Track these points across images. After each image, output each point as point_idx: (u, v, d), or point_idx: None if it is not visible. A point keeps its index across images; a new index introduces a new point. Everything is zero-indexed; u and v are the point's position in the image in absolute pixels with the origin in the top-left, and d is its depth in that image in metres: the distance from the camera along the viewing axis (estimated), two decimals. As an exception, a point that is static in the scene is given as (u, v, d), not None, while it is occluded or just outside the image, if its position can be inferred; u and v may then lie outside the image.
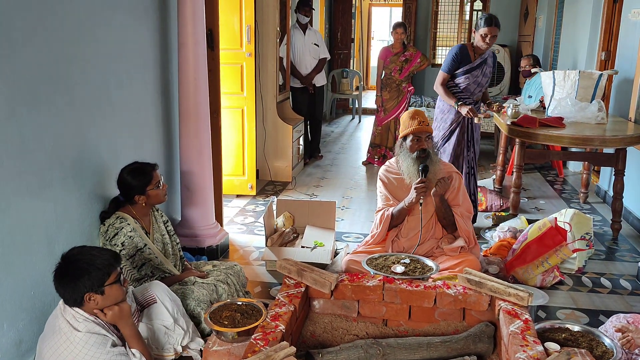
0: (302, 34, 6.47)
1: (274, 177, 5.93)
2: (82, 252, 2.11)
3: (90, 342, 2.06)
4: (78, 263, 2.06)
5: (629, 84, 4.98)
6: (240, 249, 4.14)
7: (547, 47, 8.20)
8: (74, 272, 2.04)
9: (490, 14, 4.08)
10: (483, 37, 4.04)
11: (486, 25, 4.00)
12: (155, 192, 2.70)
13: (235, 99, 5.20)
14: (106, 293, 2.08)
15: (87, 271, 2.04)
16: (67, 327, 2.08)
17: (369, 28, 13.49)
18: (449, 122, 4.31)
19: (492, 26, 3.99)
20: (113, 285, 2.10)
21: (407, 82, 6.55)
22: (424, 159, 3.16)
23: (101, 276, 2.06)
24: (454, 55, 4.21)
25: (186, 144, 3.65)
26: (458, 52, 4.20)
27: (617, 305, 3.37)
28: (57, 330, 2.10)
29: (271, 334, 2.02)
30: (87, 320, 2.09)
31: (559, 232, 3.56)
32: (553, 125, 4.54)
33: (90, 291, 2.05)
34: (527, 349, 1.95)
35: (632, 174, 4.73)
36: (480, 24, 4.04)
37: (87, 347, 2.07)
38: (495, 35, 4.06)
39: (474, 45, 4.16)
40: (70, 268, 2.06)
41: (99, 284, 2.06)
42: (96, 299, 2.07)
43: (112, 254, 2.16)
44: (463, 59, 4.19)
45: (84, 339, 2.06)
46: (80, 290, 2.04)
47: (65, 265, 2.07)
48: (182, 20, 3.48)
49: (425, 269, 2.73)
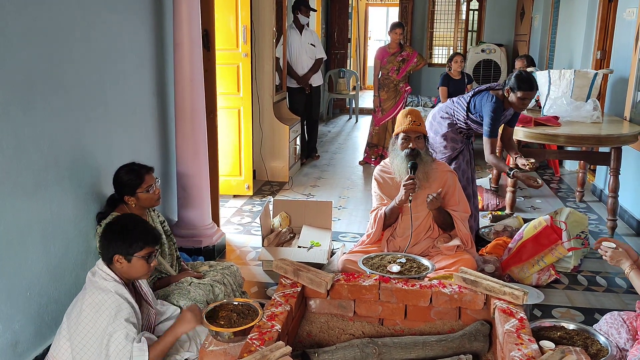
0: (298, 34, 6.48)
1: (270, 177, 5.94)
2: (132, 220, 2.30)
3: (115, 304, 2.15)
4: (123, 226, 2.23)
5: (624, 83, 4.99)
6: (237, 249, 4.15)
7: (543, 47, 8.22)
8: (116, 231, 2.21)
9: (529, 74, 3.62)
10: (521, 100, 3.58)
11: (527, 90, 3.55)
12: (145, 195, 2.69)
13: (232, 100, 5.20)
14: (132, 262, 2.21)
15: (126, 235, 2.19)
16: (95, 289, 2.19)
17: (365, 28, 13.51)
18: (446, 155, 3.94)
19: (533, 90, 3.59)
20: (141, 260, 2.22)
21: (405, 82, 6.56)
22: (413, 157, 3.16)
23: (135, 246, 2.20)
24: (494, 117, 3.65)
25: (182, 145, 3.65)
26: (497, 110, 3.66)
27: (613, 304, 3.38)
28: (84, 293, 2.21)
29: (267, 334, 2.03)
30: (116, 281, 2.21)
31: (554, 231, 3.58)
32: (549, 124, 4.55)
33: (120, 254, 2.19)
34: (522, 348, 1.95)
35: (628, 173, 4.75)
36: (519, 86, 3.55)
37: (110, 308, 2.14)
38: (532, 98, 3.66)
39: (507, 100, 3.67)
40: (116, 227, 2.24)
41: (130, 252, 2.19)
42: (122, 263, 2.20)
43: (155, 233, 2.30)
44: (500, 116, 3.73)
45: (111, 299, 2.16)
46: (113, 249, 2.19)
47: (114, 223, 2.27)
48: (178, 21, 3.49)
49: (421, 268, 2.74)
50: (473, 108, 3.79)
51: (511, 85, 3.60)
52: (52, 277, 2.55)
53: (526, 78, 3.58)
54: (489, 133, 3.69)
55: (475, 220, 4.09)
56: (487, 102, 3.68)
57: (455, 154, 3.94)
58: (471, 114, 3.81)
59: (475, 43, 10.61)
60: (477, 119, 3.81)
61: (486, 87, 3.82)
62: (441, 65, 11.31)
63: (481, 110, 3.74)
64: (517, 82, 3.57)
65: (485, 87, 3.82)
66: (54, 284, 2.57)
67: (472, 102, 3.80)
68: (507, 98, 3.66)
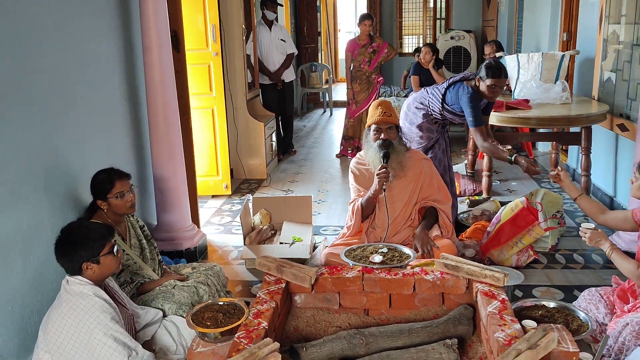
0: (268, 30, 6.46)
1: (248, 175, 5.93)
2: (80, 226, 2.31)
3: (97, 306, 2.17)
4: (76, 235, 2.23)
5: (590, 63, 5.09)
6: (218, 250, 4.14)
7: (511, 31, 8.32)
8: (72, 244, 2.22)
9: (497, 62, 3.71)
10: (491, 88, 3.65)
11: (495, 77, 3.60)
12: (117, 202, 2.67)
13: (205, 99, 5.17)
14: (102, 262, 2.23)
15: (83, 243, 2.21)
16: (72, 296, 2.19)
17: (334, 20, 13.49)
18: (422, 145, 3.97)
19: (502, 77, 3.63)
20: (108, 256, 2.25)
21: (377, 73, 6.59)
22: (385, 148, 3.18)
23: (97, 247, 2.22)
24: (473, 106, 3.68)
25: (157, 148, 3.63)
26: (475, 99, 3.69)
27: (590, 280, 3.46)
28: (61, 303, 2.21)
29: (254, 332, 2.04)
30: (92, 284, 2.22)
31: (531, 212, 3.64)
32: (520, 108, 4.63)
33: (87, 260, 2.20)
34: (505, 328, 1.99)
35: (598, 151, 4.85)
36: (487, 73, 3.62)
37: (92, 311, 2.15)
38: (503, 85, 3.71)
39: (479, 90, 3.72)
40: (69, 240, 2.23)
41: (95, 254, 2.21)
42: (93, 268, 2.22)
43: (106, 227, 2.32)
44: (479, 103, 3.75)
45: (90, 303, 2.17)
46: (78, 260, 2.20)
47: (65, 238, 2.25)
48: (145, 23, 3.45)
49: (403, 256, 2.76)
50: (450, 100, 3.83)
51: (481, 74, 3.67)
52: (33, 289, 2.52)
53: (494, 66, 3.63)
54: (474, 123, 3.71)
55: (454, 207, 4.14)
56: (464, 94, 3.72)
57: (431, 143, 3.98)
58: (447, 106, 3.85)
59: (444, 30, 10.69)
60: (453, 110, 3.85)
61: (460, 77, 3.86)
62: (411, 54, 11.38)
63: (458, 102, 3.78)
64: (485, 70, 3.64)
65: (459, 77, 3.87)
66: (36, 296, 2.54)
67: (448, 94, 3.83)
68: (479, 87, 3.71)
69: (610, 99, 4.63)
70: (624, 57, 4.38)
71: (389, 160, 3.15)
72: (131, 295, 2.68)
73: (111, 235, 2.30)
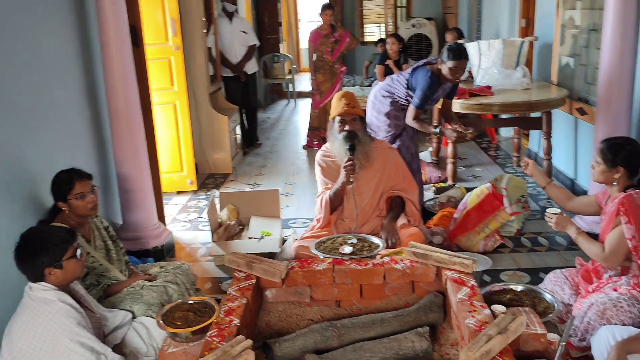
0: (228, 22, 6.38)
1: (213, 169, 5.87)
2: (40, 230, 2.25)
3: (62, 312, 2.12)
4: (36, 241, 2.17)
5: (549, 48, 5.18)
6: (186, 247, 4.09)
7: (471, 18, 8.41)
8: (32, 249, 2.15)
9: (458, 44, 3.74)
10: (452, 70, 3.66)
11: (456, 59, 3.62)
12: (77, 203, 2.59)
13: (167, 95, 5.08)
14: (65, 267, 2.17)
15: (44, 248, 2.14)
16: (36, 303, 2.13)
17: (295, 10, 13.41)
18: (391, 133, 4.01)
19: (462, 59, 3.65)
20: (71, 260, 2.19)
21: (339, 62, 6.58)
22: (351, 139, 3.18)
23: (58, 252, 2.16)
24: (427, 91, 3.74)
25: (120, 145, 3.55)
26: (431, 86, 3.74)
27: (555, 262, 3.55)
28: (24, 310, 2.15)
29: (226, 329, 2.02)
30: (56, 290, 2.16)
31: (496, 198, 3.70)
32: (483, 95, 4.68)
33: (50, 266, 2.14)
34: (475, 314, 2.02)
35: (559, 135, 4.96)
36: (448, 56, 3.64)
37: (57, 317, 2.09)
38: (464, 67, 3.74)
39: (442, 73, 3.75)
40: (29, 246, 2.17)
41: (57, 258, 2.15)
42: (56, 273, 2.16)
43: (67, 230, 2.26)
44: (433, 91, 3.81)
45: (55, 309, 2.11)
46: (40, 266, 2.14)
47: (24, 244, 2.18)
48: (102, 18, 3.36)
49: (372, 246, 2.78)
50: (413, 84, 3.86)
51: (442, 57, 3.71)
52: (-5, 296, 2.45)
53: (454, 48, 3.67)
54: (418, 104, 3.79)
55: (421, 194, 4.18)
56: (423, 76, 3.76)
57: (398, 131, 4.00)
58: (410, 91, 3.87)
59: (405, 18, 10.74)
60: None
61: (424, 62, 3.89)
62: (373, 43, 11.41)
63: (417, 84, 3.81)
64: (446, 52, 3.68)
65: (422, 62, 3.90)
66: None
67: (411, 78, 3.86)
68: (441, 70, 3.74)
69: (569, 83, 4.73)
70: (581, 42, 4.47)
71: (355, 152, 3.15)
72: (98, 298, 2.62)
73: (73, 239, 2.23)
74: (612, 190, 2.58)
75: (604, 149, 2.54)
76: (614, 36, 3.40)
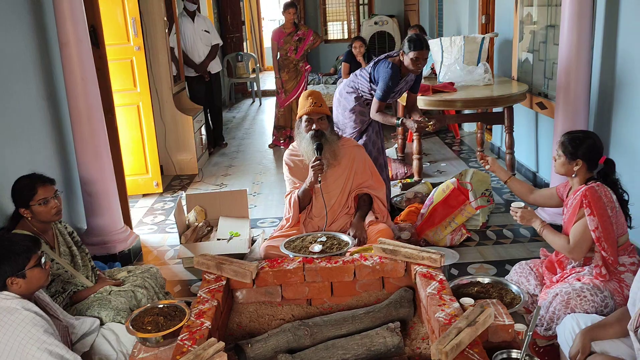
0: (191, 21, 6.31)
1: (179, 171, 5.80)
2: (1, 239, 2.16)
3: (27, 320, 2.05)
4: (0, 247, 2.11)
5: (508, 44, 5.28)
6: (154, 250, 4.03)
7: (432, 15, 8.51)
8: None
9: (418, 35, 3.78)
10: (414, 61, 3.70)
11: (417, 49, 3.67)
12: (40, 209, 2.53)
13: (129, 96, 5.00)
14: (28, 276, 2.11)
15: (6, 257, 2.08)
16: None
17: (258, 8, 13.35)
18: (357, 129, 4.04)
19: (423, 49, 3.69)
20: (34, 269, 2.13)
21: (304, 61, 6.58)
22: (318, 139, 3.19)
23: (21, 261, 2.10)
24: (389, 83, 3.77)
25: (82, 149, 3.48)
26: (392, 77, 3.77)
27: (520, 253, 3.62)
28: None
29: (197, 332, 2.00)
30: (20, 298, 2.10)
31: (461, 192, 3.76)
32: (446, 91, 4.75)
33: (12, 275, 2.08)
34: (445, 308, 2.05)
35: (521, 129, 5.06)
36: (409, 46, 3.68)
37: (22, 326, 2.02)
38: (426, 57, 3.77)
39: (403, 65, 3.80)
40: None
41: (20, 268, 2.09)
42: (19, 283, 2.10)
43: (30, 239, 2.19)
44: (395, 82, 3.84)
45: (20, 317, 2.04)
46: (2, 276, 2.08)
47: None
48: (61, 18, 3.29)
49: (342, 244, 2.79)
50: (374, 78, 3.89)
51: (404, 48, 3.75)
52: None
53: (415, 39, 3.72)
54: (380, 97, 3.82)
55: (388, 190, 4.21)
56: (384, 68, 3.80)
57: (365, 126, 4.02)
58: (373, 84, 3.90)
59: (368, 16, 10.80)
60: None
61: (385, 55, 3.94)
62: (337, 40, 11.45)
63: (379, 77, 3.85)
64: (407, 43, 3.73)
65: (384, 55, 3.94)
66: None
67: (373, 72, 3.89)
68: (403, 62, 3.78)
69: (528, 78, 4.83)
70: (540, 38, 4.57)
71: (322, 151, 3.16)
72: (64, 305, 2.57)
73: (37, 247, 2.17)
74: (572, 182, 2.65)
75: (565, 142, 2.61)
76: (571, 32, 3.49)
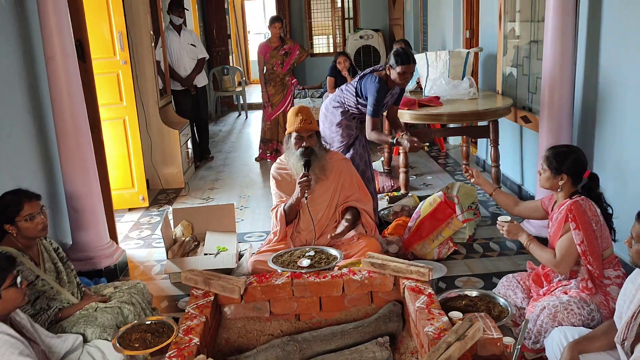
0: (177, 35, 6.31)
1: (165, 185, 5.77)
2: None
3: (1, 342, 1.98)
4: None
5: (493, 59, 5.35)
6: (140, 265, 4.00)
7: (417, 30, 8.59)
8: None
9: (405, 49, 3.82)
10: (401, 75, 3.73)
11: (405, 63, 3.70)
12: (26, 225, 2.50)
13: (115, 110, 4.98)
14: (3, 297, 2.05)
15: None
16: None
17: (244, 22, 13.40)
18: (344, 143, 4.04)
19: (410, 63, 3.73)
20: (10, 289, 2.07)
21: (290, 75, 6.61)
22: (307, 156, 3.20)
23: None
24: (377, 98, 3.78)
25: (68, 163, 3.45)
26: (380, 91, 3.79)
27: (507, 266, 3.64)
28: None
29: (186, 349, 1.99)
30: None
31: (448, 206, 3.78)
32: (431, 105, 4.79)
33: None
34: (433, 322, 2.06)
35: (506, 143, 5.11)
36: (397, 61, 3.71)
37: None
38: (413, 71, 3.81)
39: (390, 79, 3.81)
40: None
41: None
42: None
43: (5, 258, 2.12)
44: (383, 96, 3.85)
45: None
46: None
47: None
48: (47, 33, 3.27)
49: (330, 258, 2.78)
50: (361, 92, 3.91)
51: (390, 62, 3.77)
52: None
53: (402, 53, 3.74)
54: (372, 112, 3.82)
55: (375, 203, 4.23)
56: (371, 83, 3.81)
57: (351, 140, 4.04)
58: (360, 99, 3.93)
59: (353, 30, 10.88)
60: (366, 102, 3.92)
61: (370, 70, 3.96)
62: (322, 54, 11.51)
63: (367, 92, 3.86)
64: (394, 57, 3.74)
65: (369, 70, 3.97)
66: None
67: (359, 86, 3.91)
68: (390, 76, 3.80)
69: (513, 92, 4.89)
70: (523, 53, 4.63)
71: (310, 168, 3.17)
72: (49, 322, 2.53)
73: (12, 267, 2.11)
74: (557, 196, 2.68)
75: (550, 156, 2.64)
76: (554, 48, 3.54)
